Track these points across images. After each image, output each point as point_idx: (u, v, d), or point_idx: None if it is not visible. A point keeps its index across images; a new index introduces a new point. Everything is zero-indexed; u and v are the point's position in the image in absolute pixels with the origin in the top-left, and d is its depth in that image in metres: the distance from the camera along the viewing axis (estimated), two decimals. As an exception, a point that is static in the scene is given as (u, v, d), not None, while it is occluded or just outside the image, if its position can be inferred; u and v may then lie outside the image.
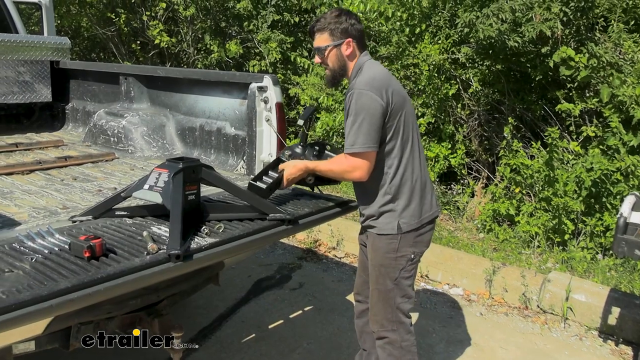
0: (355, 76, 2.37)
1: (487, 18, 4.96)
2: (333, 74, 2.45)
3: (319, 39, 2.40)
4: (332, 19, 2.36)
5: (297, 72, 8.06)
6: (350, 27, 2.37)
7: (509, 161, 5.28)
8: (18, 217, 2.36)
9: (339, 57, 2.39)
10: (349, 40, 2.37)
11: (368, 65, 2.39)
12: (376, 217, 2.44)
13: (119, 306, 2.28)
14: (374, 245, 2.48)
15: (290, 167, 2.54)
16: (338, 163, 2.42)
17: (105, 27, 9.06)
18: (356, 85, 2.30)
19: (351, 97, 2.28)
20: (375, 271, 2.48)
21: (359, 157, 2.29)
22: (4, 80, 4.22)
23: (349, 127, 2.29)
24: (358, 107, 2.25)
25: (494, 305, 4.22)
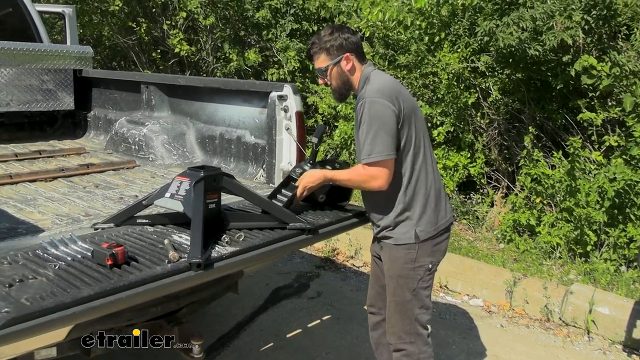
0: (363, 87, 2.36)
1: (508, 27, 4.92)
2: (339, 91, 2.45)
3: (318, 60, 2.40)
4: (326, 38, 2.37)
5: (316, 81, 8.06)
6: (345, 42, 2.36)
7: (530, 171, 5.22)
8: (41, 224, 2.38)
9: (340, 74, 2.39)
10: (346, 55, 2.37)
11: (375, 75, 2.38)
12: (392, 227, 2.41)
13: (140, 314, 2.29)
14: (391, 256, 2.45)
15: (308, 176, 2.51)
16: (356, 173, 2.38)
17: (126, 36, 9.17)
18: (367, 94, 2.28)
19: (363, 106, 2.27)
20: (392, 282, 2.45)
21: (377, 166, 2.26)
22: (28, 88, 4.29)
23: (363, 136, 2.27)
24: (371, 115, 2.24)
25: (515, 317, 4.16)
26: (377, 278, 2.68)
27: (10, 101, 4.22)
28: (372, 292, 2.74)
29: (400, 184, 2.35)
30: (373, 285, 2.73)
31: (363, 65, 2.41)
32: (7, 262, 1.89)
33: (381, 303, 2.63)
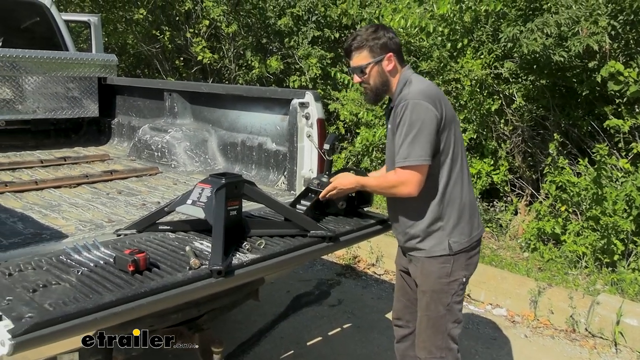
0: (402, 89, 2.27)
1: (532, 33, 4.86)
2: (375, 92, 2.35)
3: (358, 57, 2.31)
4: (370, 35, 2.28)
5: (337, 88, 8.08)
6: (389, 41, 2.29)
7: (555, 178, 5.13)
8: (65, 230, 2.41)
9: (380, 73, 2.30)
10: (389, 55, 2.29)
11: (416, 78, 2.30)
12: (422, 238, 2.32)
13: (161, 320, 2.29)
14: (424, 270, 2.35)
15: (343, 177, 2.47)
16: (387, 178, 2.33)
17: (150, 44, 9.29)
18: (410, 96, 2.19)
19: (405, 107, 2.17)
20: (425, 297, 2.36)
21: (411, 171, 2.17)
22: (54, 96, 4.36)
23: (401, 138, 2.17)
24: (414, 117, 2.15)
25: (540, 327, 4.08)
26: (404, 291, 2.60)
27: (37, 108, 4.30)
28: (399, 305, 2.66)
29: (434, 192, 2.27)
30: (399, 299, 2.65)
31: (402, 68, 2.34)
32: (32, 267, 1.91)
33: (409, 316, 2.57)
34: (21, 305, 1.62)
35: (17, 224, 2.46)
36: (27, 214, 2.64)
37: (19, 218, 2.56)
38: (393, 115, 2.27)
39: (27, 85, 4.20)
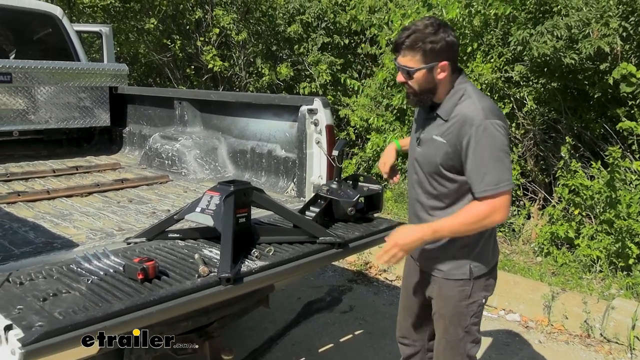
0: (459, 102, 2.04)
1: (542, 35, 4.84)
2: (419, 98, 2.10)
3: (408, 57, 2.02)
4: (428, 36, 1.97)
5: (347, 94, 8.09)
6: (447, 47, 1.99)
7: (567, 182, 5.08)
8: (76, 239, 2.43)
9: (429, 80, 2.03)
10: (444, 63, 2.01)
11: (475, 91, 2.08)
12: (445, 260, 2.19)
13: (171, 328, 2.30)
14: (442, 294, 2.23)
15: (404, 233, 2.07)
16: (473, 211, 2.01)
17: (161, 53, 9.38)
18: (481, 115, 1.95)
19: (481, 128, 1.94)
20: (444, 321, 2.24)
21: (501, 197, 1.96)
22: (66, 105, 4.41)
23: (486, 162, 1.94)
24: (496, 140, 1.94)
25: (554, 332, 4.03)
26: (411, 310, 2.49)
27: (49, 118, 4.35)
28: (406, 323, 2.54)
29: None
30: (406, 317, 2.54)
31: (457, 76, 2.08)
32: (42, 276, 1.93)
33: (415, 336, 2.51)
34: (31, 314, 1.63)
35: (29, 233, 2.48)
36: (39, 223, 2.66)
37: (30, 227, 2.58)
38: (442, 126, 2.06)
39: (40, 95, 4.25)
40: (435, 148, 2.07)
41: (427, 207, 2.20)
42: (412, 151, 2.26)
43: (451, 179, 2.07)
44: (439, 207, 2.15)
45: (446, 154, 2.03)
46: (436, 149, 2.07)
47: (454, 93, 2.06)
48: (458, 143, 1.99)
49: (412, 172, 2.26)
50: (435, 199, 2.15)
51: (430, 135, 2.10)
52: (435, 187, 2.13)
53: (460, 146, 1.99)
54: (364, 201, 2.77)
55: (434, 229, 2.04)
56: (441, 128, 2.06)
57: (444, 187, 2.11)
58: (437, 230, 2.05)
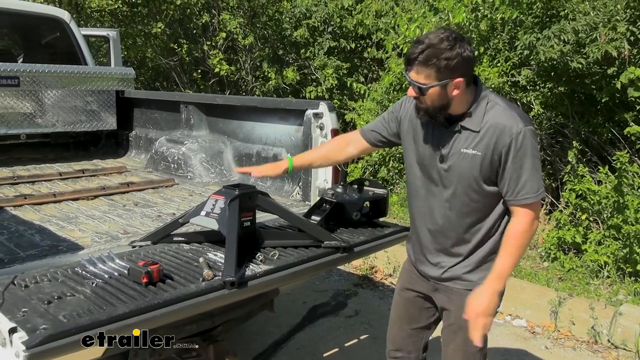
0: (486, 111, 1.95)
1: (548, 40, 4.82)
2: (429, 113, 1.99)
3: (420, 73, 1.90)
4: (443, 52, 1.84)
5: (354, 98, 8.10)
6: (463, 63, 1.87)
7: (575, 186, 5.05)
8: (81, 242, 2.43)
9: (441, 97, 1.92)
10: (459, 80, 1.89)
11: (500, 98, 2.02)
12: (472, 269, 2.10)
13: (175, 331, 2.30)
14: (462, 305, 2.07)
15: (478, 302, 1.99)
16: (516, 232, 1.98)
17: (168, 57, 9.42)
18: (520, 123, 1.90)
19: (523, 136, 1.89)
20: (464, 332, 2.07)
21: (539, 203, 1.99)
22: (73, 109, 4.43)
23: (527, 170, 1.91)
24: (534, 147, 1.92)
25: (561, 338, 4.00)
26: (410, 319, 2.37)
27: (56, 122, 4.37)
28: (402, 334, 2.40)
29: (501, 221, 2.06)
30: (402, 327, 2.40)
31: (474, 86, 2.00)
32: (47, 279, 1.93)
33: (411, 346, 2.39)
34: (36, 316, 1.63)
35: (35, 236, 2.49)
36: (45, 226, 2.67)
37: (36, 230, 2.59)
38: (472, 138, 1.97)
39: (47, 99, 4.27)
40: (469, 161, 1.97)
41: (455, 224, 2.09)
42: (429, 170, 2.11)
43: (486, 192, 2.01)
44: (469, 223, 2.07)
45: (482, 166, 1.96)
46: (471, 162, 1.97)
47: (478, 103, 1.97)
48: (496, 153, 1.93)
49: (437, 191, 2.10)
50: (466, 215, 2.06)
51: (458, 149, 2.00)
52: (467, 203, 2.04)
53: (496, 155, 1.93)
54: (369, 205, 2.76)
55: (499, 275, 1.99)
56: (471, 140, 1.97)
57: (477, 201, 2.03)
58: (502, 274, 1.99)
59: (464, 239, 2.09)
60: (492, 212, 2.05)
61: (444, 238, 2.13)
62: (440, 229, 2.13)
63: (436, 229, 2.14)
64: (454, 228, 2.10)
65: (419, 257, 2.26)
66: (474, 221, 2.06)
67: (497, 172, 1.96)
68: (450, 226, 2.10)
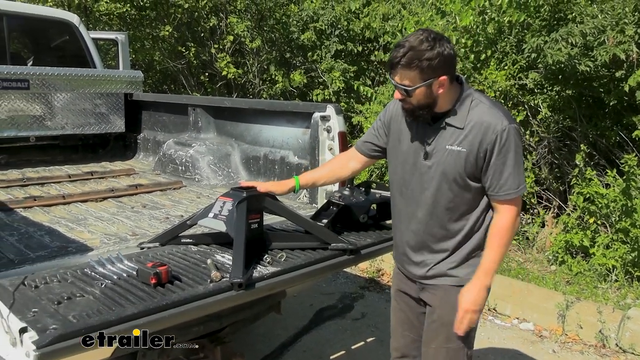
0: (470, 108, 2.00)
1: (556, 43, 4.81)
2: (415, 112, 2.03)
3: (404, 75, 1.94)
4: (424, 52, 1.88)
5: (360, 101, 8.09)
6: (445, 61, 1.92)
7: (582, 190, 5.03)
8: (90, 243, 2.45)
9: (427, 95, 1.96)
10: (443, 78, 1.94)
11: (484, 96, 2.07)
12: (458, 264, 2.12)
13: (183, 332, 2.31)
14: (446, 300, 2.13)
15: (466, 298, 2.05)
16: (501, 228, 2.03)
17: (176, 61, 9.46)
18: (504, 121, 1.95)
19: (507, 134, 1.93)
20: (447, 329, 2.12)
21: (519, 198, 2.04)
22: (82, 112, 4.47)
23: (509, 166, 1.96)
24: (517, 144, 1.97)
25: (568, 342, 3.98)
26: (410, 325, 2.36)
27: (65, 124, 4.40)
28: (405, 340, 2.39)
29: (484, 217, 2.10)
30: (404, 334, 2.38)
31: (458, 84, 2.04)
32: (57, 279, 1.95)
33: (416, 351, 2.35)
34: (46, 317, 1.65)
35: (44, 238, 2.51)
36: (54, 227, 2.69)
37: (46, 232, 2.61)
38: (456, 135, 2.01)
39: (57, 101, 4.31)
40: (454, 158, 2.01)
41: (440, 220, 2.10)
42: (412, 167, 2.13)
43: (470, 187, 2.04)
44: (453, 219, 2.09)
45: (467, 162, 1.99)
46: (456, 159, 2.00)
47: (462, 100, 2.01)
48: (481, 149, 1.97)
49: (419, 189, 2.12)
50: (451, 211, 2.08)
51: (443, 145, 2.03)
52: (452, 199, 2.06)
53: (482, 152, 1.98)
54: (376, 208, 2.77)
55: (486, 271, 2.05)
56: (455, 137, 2.01)
57: (461, 197, 2.06)
58: (489, 270, 2.05)
59: (448, 235, 2.12)
60: (476, 208, 2.09)
61: (428, 235, 2.14)
62: (424, 227, 2.14)
63: (419, 227, 2.15)
64: (438, 224, 2.12)
65: (402, 258, 2.27)
66: (458, 216, 2.09)
67: (481, 168, 2.01)
68: (435, 222, 2.12)
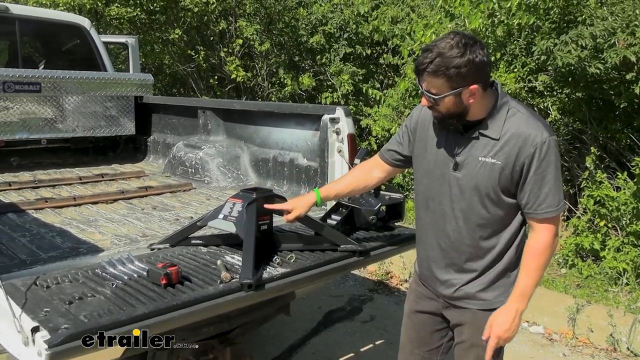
0: (507, 118, 1.85)
1: (566, 45, 4.79)
2: (444, 120, 1.91)
3: (430, 83, 1.81)
4: (453, 59, 1.74)
5: (369, 104, 8.10)
6: (475, 69, 1.76)
7: (592, 193, 5.00)
8: (101, 244, 2.47)
9: (456, 104, 1.82)
10: (474, 87, 1.79)
11: (522, 105, 1.92)
12: (486, 287, 1.98)
13: (193, 333, 2.32)
14: (476, 324, 2.00)
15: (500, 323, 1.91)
16: (537, 249, 1.88)
17: (185, 64, 9.51)
18: (547, 132, 1.81)
19: (547, 146, 1.79)
20: (477, 350, 2.02)
21: (559, 216, 1.88)
22: (93, 115, 4.50)
23: (549, 182, 1.81)
24: (556, 159, 1.83)
25: (579, 345, 3.96)
26: (421, 342, 2.25)
27: (76, 127, 4.44)
28: (413, 358, 2.28)
29: (518, 235, 1.96)
30: (413, 352, 2.28)
31: (493, 91, 1.90)
32: (69, 280, 1.97)
33: None
34: (58, 316, 1.67)
35: (56, 239, 2.54)
36: (66, 228, 2.72)
37: (57, 233, 2.63)
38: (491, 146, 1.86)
39: (68, 104, 4.35)
40: (488, 170, 1.86)
41: (470, 238, 1.96)
42: (440, 179, 1.99)
43: (504, 203, 1.90)
44: (484, 237, 1.95)
45: (501, 176, 1.85)
46: (490, 171, 1.86)
47: (498, 109, 1.86)
48: (518, 163, 1.82)
49: (448, 202, 1.98)
50: (482, 228, 1.94)
51: (475, 156, 1.88)
52: (483, 215, 1.92)
53: (518, 166, 1.82)
54: (386, 210, 2.77)
55: (522, 295, 1.90)
56: (490, 148, 1.86)
57: (494, 213, 1.92)
58: (524, 294, 1.90)
59: (478, 254, 1.97)
60: (509, 225, 1.94)
61: (456, 253, 2.00)
62: (452, 244, 2.00)
63: (447, 243, 2.02)
64: (467, 242, 1.97)
65: (426, 274, 2.16)
66: (489, 234, 1.94)
67: (517, 183, 1.86)
68: (463, 240, 1.97)
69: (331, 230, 2.45)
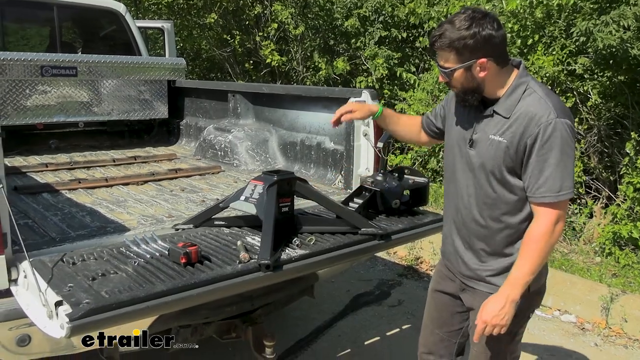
0: (522, 98, 1.84)
1: (606, 26, 4.61)
2: (461, 97, 1.94)
3: (442, 56, 1.87)
4: (459, 33, 1.78)
5: (404, 88, 8.01)
6: (483, 43, 1.78)
7: (632, 179, 4.84)
8: (128, 224, 2.54)
9: (469, 79, 1.86)
10: (483, 61, 1.81)
11: (541, 86, 1.88)
12: (496, 273, 1.98)
13: (215, 312, 2.37)
14: None
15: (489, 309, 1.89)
16: (535, 237, 1.84)
17: (221, 49, 9.58)
18: (552, 113, 1.77)
19: (552, 128, 1.76)
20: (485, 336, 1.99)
21: (561, 204, 1.81)
22: (127, 98, 4.60)
23: (550, 166, 1.78)
24: (564, 141, 1.76)
25: (611, 335, 3.86)
26: (441, 322, 2.27)
27: (112, 110, 4.55)
28: (434, 338, 2.31)
29: (528, 225, 1.91)
30: (434, 331, 2.31)
31: (510, 69, 1.90)
32: (94, 257, 2.04)
33: (443, 350, 2.29)
34: (80, 291, 1.73)
35: (86, 218, 2.62)
36: (96, 208, 2.80)
37: (87, 212, 2.72)
38: (501, 124, 1.87)
39: (103, 88, 4.45)
40: (495, 149, 1.87)
41: (478, 216, 1.99)
42: (459, 155, 2.03)
43: (509, 183, 1.89)
44: (492, 218, 1.95)
45: (506, 155, 1.84)
46: (496, 150, 1.86)
47: (514, 88, 1.86)
48: (521, 142, 1.81)
49: (462, 178, 2.02)
50: (489, 207, 1.95)
51: (487, 134, 1.90)
52: (489, 194, 1.93)
53: (523, 146, 1.81)
54: (410, 194, 2.75)
55: (514, 282, 1.86)
56: (500, 126, 1.86)
57: (500, 193, 1.91)
58: (518, 281, 1.85)
59: (485, 234, 1.98)
60: (518, 212, 1.92)
61: (465, 230, 2.04)
62: (463, 220, 2.05)
63: (459, 219, 2.06)
64: (475, 219, 1.99)
65: (445, 250, 2.20)
66: (498, 215, 1.94)
67: (521, 164, 1.84)
68: (472, 217, 2.00)
69: (352, 213, 2.45)
